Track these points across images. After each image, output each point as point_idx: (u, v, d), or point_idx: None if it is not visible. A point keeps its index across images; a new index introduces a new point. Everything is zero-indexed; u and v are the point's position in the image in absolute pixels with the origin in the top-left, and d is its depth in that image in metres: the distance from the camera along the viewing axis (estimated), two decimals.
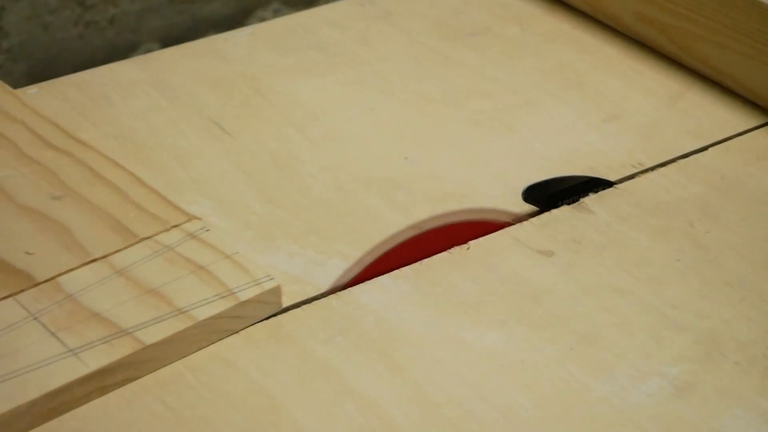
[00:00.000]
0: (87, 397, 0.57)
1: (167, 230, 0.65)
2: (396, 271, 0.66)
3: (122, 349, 0.58)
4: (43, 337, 0.59)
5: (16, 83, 0.82)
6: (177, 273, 0.63)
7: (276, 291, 0.62)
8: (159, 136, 0.76)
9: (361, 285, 0.65)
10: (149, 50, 1.14)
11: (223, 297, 0.61)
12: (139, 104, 0.79)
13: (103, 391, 0.58)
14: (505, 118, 0.79)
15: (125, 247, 0.64)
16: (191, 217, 0.66)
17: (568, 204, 0.69)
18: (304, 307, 0.63)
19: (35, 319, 0.60)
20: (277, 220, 0.69)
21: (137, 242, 0.65)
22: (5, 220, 0.66)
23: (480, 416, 0.56)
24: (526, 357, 0.60)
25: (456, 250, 0.67)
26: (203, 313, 0.60)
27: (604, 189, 0.71)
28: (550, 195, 0.70)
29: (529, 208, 0.70)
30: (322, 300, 0.64)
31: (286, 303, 0.63)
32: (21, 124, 0.74)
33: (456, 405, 0.57)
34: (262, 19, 0.87)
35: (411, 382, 0.58)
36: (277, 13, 1.00)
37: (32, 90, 0.80)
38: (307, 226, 0.69)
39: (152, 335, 0.59)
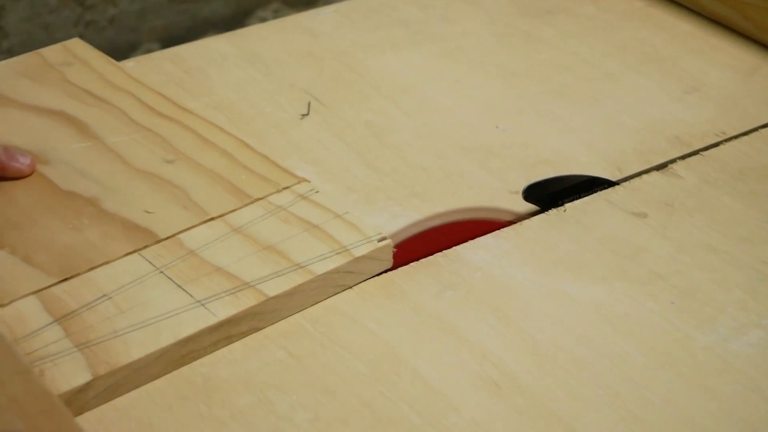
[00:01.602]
0: (214, 346, 0.60)
1: (279, 191, 0.68)
2: (497, 231, 0.68)
3: (247, 301, 0.61)
4: (171, 289, 0.61)
5: None
6: (291, 231, 0.65)
7: (387, 248, 0.65)
8: (256, 106, 0.79)
9: (465, 244, 0.67)
10: (149, 50, 1.15)
11: (338, 253, 0.64)
12: (233, 77, 0.82)
13: (229, 340, 0.60)
14: (588, 90, 0.82)
15: (240, 207, 0.67)
16: (300, 180, 0.69)
17: (569, 203, 0.70)
18: (413, 264, 0.66)
19: (161, 272, 0.63)
20: (378, 183, 0.72)
21: (251, 202, 0.67)
22: (123, 182, 0.69)
23: (591, 363, 0.59)
24: (629, 310, 0.63)
25: (553, 212, 0.70)
26: (321, 267, 0.63)
27: (604, 188, 0.72)
28: (551, 194, 0.71)
29: (529, 207, 0.71)
30: (430, 258, 0.66)
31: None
32: (129, 94, 0.77)
33: (567, 353, 0.60)
34: (263, 19, 0.89)
35: (522, 332, 0.61)
36: (277, 13, 1.02)
37: (129, 63, 0.83)
38: (408, 190, 0.71)
39: (274, 288, 0.62)
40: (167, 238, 0.65)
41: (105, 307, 0.60)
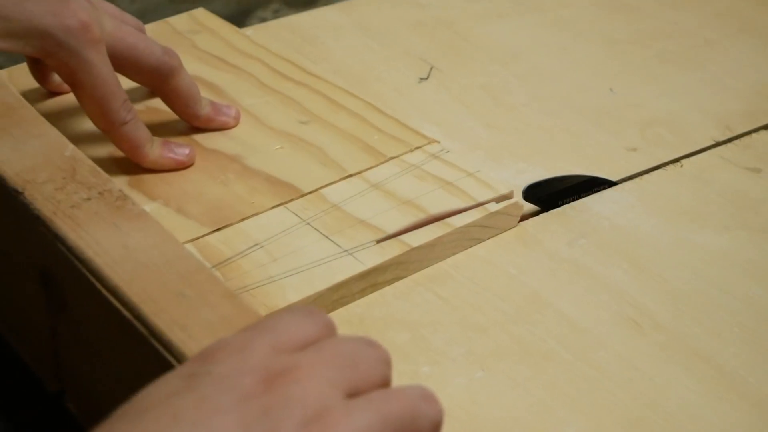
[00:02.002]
0: (362, 292, 0.64)
1: (411, 151, 0.72)
2: (619, 185, 0.72)
3: (391, 251, 0.64)
4: (318, 239, 0.65)
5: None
6: (427, 187, 0.69)
7: (518, 205, 0.68)
8: (374, 71, 0.83)
9: (590, 196, 0.71)
10: None
11: (473, 208, 0.67)
12: (349, 44, 0.86)
13: (375, 287, 0.64)
14: (690, 56, 0.85)
15: (376, 165, 0.71)
16: (431, 140, 0.72)
17: (569, 203, 0.71)
18: (542, 215, 0.70)
19: (307, 224, 0.66)
20: (501, 142, 0.76)
21: (386, 161, 0.71)
22: (262, 141, 0.72)
23: (724, 304, 0.63)
24: (753, 256, 0.66)
25: (670, 167, 0.73)
26: (459, 221, 0.66)
27: (604, 188, 0.73)
28: (551, 194, 0.72)
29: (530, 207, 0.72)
30: (558, 209, 0.70)
31: (524, 212, 0.69)
32: (256, 59, 0.81)
33: (700, 294, 0.63)
34: (263, 20, 0.92)
35: (655, 276, 0.65)
36: (277, 14, 1.04)
37: (248, 31, 0.87)
38: (530, 148, 0.75)
39: (417, 239, 0.65)
40: (310, 192, 0.68)
41: (258, 255, 0.64)
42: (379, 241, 0.65)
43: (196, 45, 0.82)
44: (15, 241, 0.58)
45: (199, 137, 0.73)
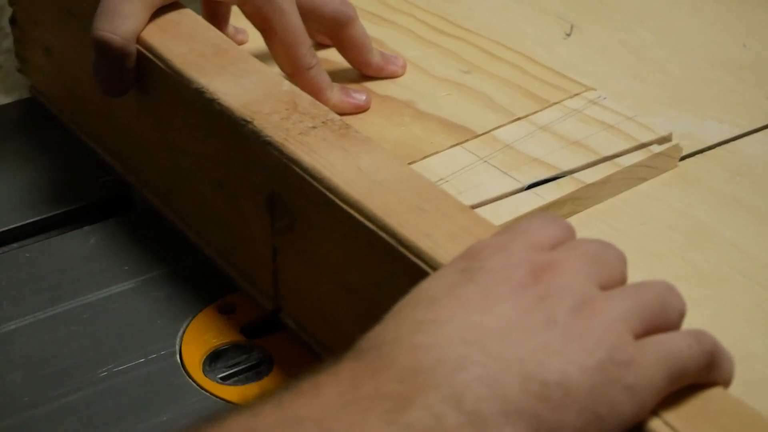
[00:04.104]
0: None
1: (571, 97, 0.76)
2: (765, 129, 0.77)
3: (568, 187, 0.69)
4: (498, 175, 0.70)
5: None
6: (591, 130, 0.73)
7: (678, 147, 0.73)
8: (518, 28, 0.88)
9: (741, 139, 0.76)
10: None
11: (638, 149, 0.72)
12: (491, 3, 0.91)
13: None
14: None
15: (540, 110, 0.75)
16: (588, 88, 0.77)
17: None
18: (698, 156, 0.74)
19: (485, 161, 0.71)
20: (648, 92, 0.80)
21: (549, 106, 0.76)
22: (430, 88, 0.77)
23: None
24: None
25: None
26: (627, 161, 0.71)
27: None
28: None
29: None
30: (712, 151, 0.75)
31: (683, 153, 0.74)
32: (409, 15, 0.86)
33: None
34: None
35: None
36: None
37: None
38: (676, 98, 0.80)
39: (590, 176, 0.70)
40: (484, 133, 0.73)
41: (445, 188, 0.68)
42: (556, 178, 0.69)
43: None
44: (239, 172, 0.63)
45: (371, 85, 0.77)
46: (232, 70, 0.65)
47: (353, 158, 0.58)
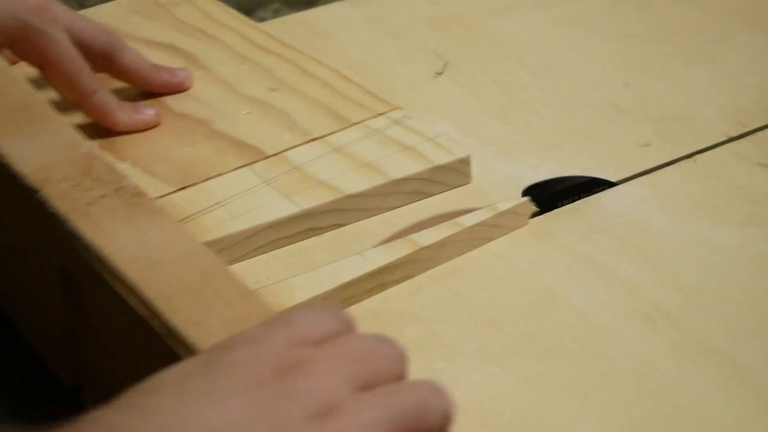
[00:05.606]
0: (371, 291, 0.64)
1: (375, 117, 0.74)
2: (632, 181, 0.72)
3: (401, 250, 0.64)
4: (277, 198, 0.67)
5: None
6: (387, 151, 0.71)
7: (527, 204, 0.69)
8: (388, 66, 0.83)
9: (603, 192, 0.71)
10: None
11: (424, 168, 0.69)
12: (362, 40, 0.86)
13: (384, 286, 0.64)
14: (703, 51, 0.85)
15: (339, 130, 0.72)
16: (394, 107, 0.74)
17: (569, 204, 0.71)
18: (556, 210, 0.70)
19: (268, 184, 0.68)
20: (514, 137, 0.76)
21: (349, 126, 0.73)
22: (231, 106, 0.75)
23: (739, 300, 0.63)
24: (767, 251, 0.66)
25: (683, 163, 0.74)
26: (468, 220, 0.67)
27: (603, 189, 0.72)
28: (550, 194, 0.72)
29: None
30: (572, 205, 0.70)
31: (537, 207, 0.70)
32: (233, 30, 0.84)
33: (714, 290, 0.63)
34: (262, 19, 0.92)
35: (668, 271, 0.65)
36: (277, 13, 1.04)
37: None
38: (543, 144, 0.75)
39: (427, 238, 0.66)
40: (274, 154, 0.70)
41: (219, 213, 0.66)
42: (387, 240, 0.65)
43: (175, 16, 0.86)
44: (32, 240, 0.59)
45: (170, 102, 0.75)
46: (29, 130, 0.61)
47: (139, 232, 0.54)
